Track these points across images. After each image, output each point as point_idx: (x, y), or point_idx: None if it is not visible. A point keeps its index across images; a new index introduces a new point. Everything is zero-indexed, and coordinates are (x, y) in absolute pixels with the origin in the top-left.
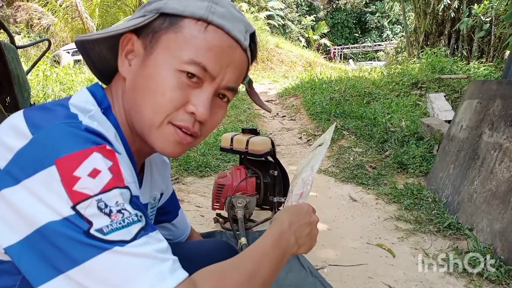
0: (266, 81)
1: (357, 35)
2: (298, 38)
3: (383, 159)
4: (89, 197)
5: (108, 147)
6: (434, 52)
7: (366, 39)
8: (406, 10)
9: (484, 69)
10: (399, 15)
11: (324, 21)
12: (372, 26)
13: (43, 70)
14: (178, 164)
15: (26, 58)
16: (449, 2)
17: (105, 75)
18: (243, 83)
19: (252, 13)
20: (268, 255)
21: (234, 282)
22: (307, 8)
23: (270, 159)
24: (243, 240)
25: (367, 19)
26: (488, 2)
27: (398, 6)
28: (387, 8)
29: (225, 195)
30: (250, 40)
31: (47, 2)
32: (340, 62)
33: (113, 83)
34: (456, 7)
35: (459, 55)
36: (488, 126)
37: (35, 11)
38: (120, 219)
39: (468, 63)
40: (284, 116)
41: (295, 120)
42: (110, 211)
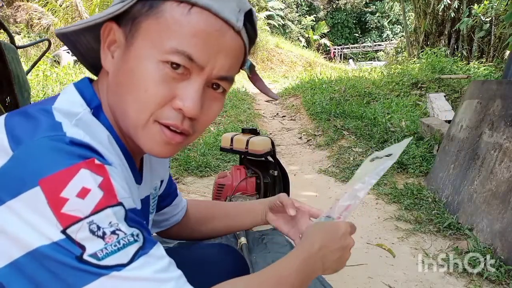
0: (266, 81)
1: (357, 35)
2: (298, 38)
3: None
4: (79, 219)
5: (96, 161)
6: (434, 52)
7: (366, 39)
8: (406, 10)
9: (484, 69)
10: (399, 15)
11: (324, 21)
12: (372, 26)
13: (43, 70)
14: (178, 164)
15: (26, 58)
16: (449, 2)
17: (99, 68)
18: (243, 69)
19: None
20: (291, 277)
21: None
22: (307, 8)
23: (270, 159)
24: (243, 240)
25: (367, 19)
26: (488, 2)
27: (398, 6)
28: (387, 8)
29: (225, 195)
30: (246, 20)
31: (47, 2)
32: (340, 62)
33: (99, 77)
34: (456, 7)
35: (459, 55)
36: (488, 126)
37: (35, 11)
38: (115, 241)
39: (468, 63)
40: (284, 116)
41: (295, 120)
42: (104, 233)
